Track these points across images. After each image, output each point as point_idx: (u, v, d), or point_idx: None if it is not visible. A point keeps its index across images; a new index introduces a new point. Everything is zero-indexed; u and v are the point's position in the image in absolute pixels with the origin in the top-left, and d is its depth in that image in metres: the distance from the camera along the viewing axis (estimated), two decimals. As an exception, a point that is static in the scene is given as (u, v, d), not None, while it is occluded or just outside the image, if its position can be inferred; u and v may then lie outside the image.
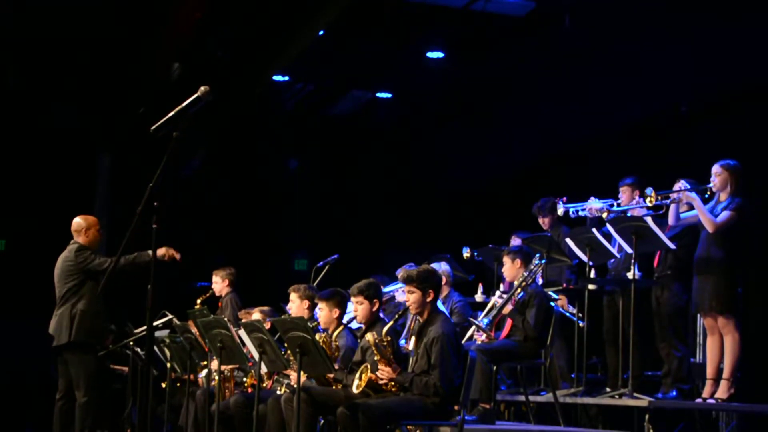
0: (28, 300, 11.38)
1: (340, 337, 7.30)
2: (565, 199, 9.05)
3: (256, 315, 8.39)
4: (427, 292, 6.50)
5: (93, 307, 8.25)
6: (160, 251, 8.15)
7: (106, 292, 8.20)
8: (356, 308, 7.07)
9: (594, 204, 8.65)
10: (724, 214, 7.41)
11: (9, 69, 13.21)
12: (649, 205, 7.47)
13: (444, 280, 8.12)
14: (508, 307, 7.89)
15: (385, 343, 6.47)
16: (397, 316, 6.75)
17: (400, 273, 8.78)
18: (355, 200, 15.18)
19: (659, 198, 7.46)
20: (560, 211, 9.04)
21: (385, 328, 6.56)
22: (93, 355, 8.28)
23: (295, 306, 7.95)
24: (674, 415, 8.23)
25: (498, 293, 8.45)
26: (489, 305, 8.24)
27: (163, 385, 9.51)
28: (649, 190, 7.44)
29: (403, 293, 7.16)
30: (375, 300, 6.98)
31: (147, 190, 4.82)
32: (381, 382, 6.46)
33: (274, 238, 15.39)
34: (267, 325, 7.47)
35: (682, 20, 10.34)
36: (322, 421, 6.95)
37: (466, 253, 10.12)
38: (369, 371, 6.45)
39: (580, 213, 8.83)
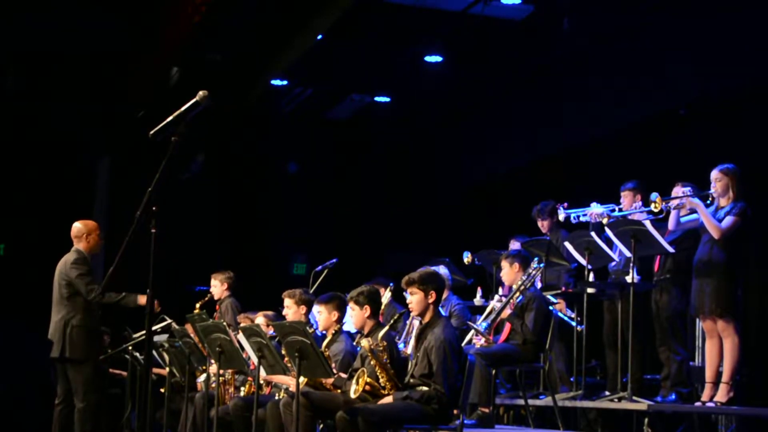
0: (28, 304, 11.38)
1: (339, 341, 7.29)
2: (566, 204, 9.05)
3: (259, 319, 8.38)
4: (428, 293, 6.48)
5: (87, 320, 8.23)
6: (142, 300, 8.10)
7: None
8: (351, 314, 7.07)
9: (595, 209, 8.65)
10: (729, 220, 7.40)
11: (8, 72, 13.22)
12: (655, 210, 7.46)
13: (444, 283, 8.10)
14: (507, 311, 7.88)
15: (381, 348, 6.46)
16: (392, 321, 6.74)
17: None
18: (354, 204, 15.18)
19: (664, 204, 7.47)
20: (561, 216, 9.03)
21: (381, 333, 6.55)
22: (90, 363, 8.25)
23: (291, 312, 7.92)
24: (673, 418, 8.22)
25: (497, 297, 8.45)
26: (488, 309, 8.24)
27: (162, 390, 9.51)
28: (654, 196, 7.43)
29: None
30: (366, 306, 6.94)
31: (146, 194, 4.81)
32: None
33: (272, 241, 15.39)
34: (269, 330, 7.46)
35: (680, 23, 10.36)
36: (321, 426, 6.95)
37: (467, 258, 10.11)
38: (365, 375, 6.44)
39: (581, 218, 8.83)
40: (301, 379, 6.47)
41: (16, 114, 13.59)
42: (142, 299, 8.10)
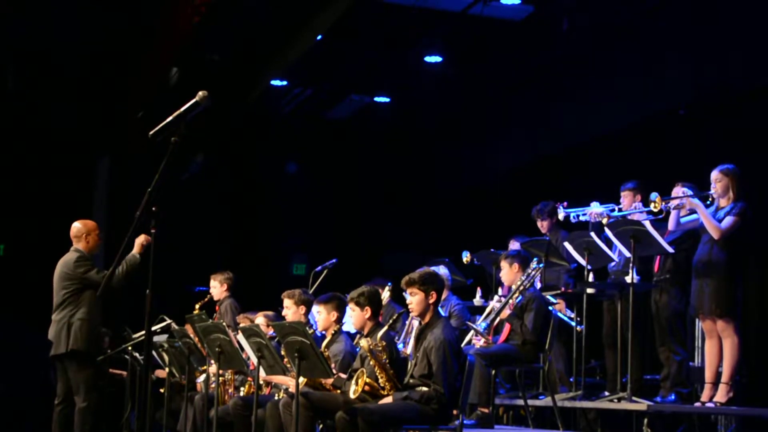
0: (28, 304, 11.38)
1: (338, 341, 7.29)
2: (566, 203, 9.05)
3: (259, 320, 8.37)
4: (429, 293, 6.48)
5: (91, 315, 8.22)
6: (140, 240, 7.99)
7: (105, 296, 8.19)
8: (351, 315, 7.07)
9: (595, 209, 8.64)
10: (729, 220, 7.40)
11: (8, 72, 13.23)
12: (654, 210, 7.46)
13: (443, 284, 8.09)
14: (507, 312, 7.88)
15: (380, 348, 6.45)
16: (391, 321, 6.74)
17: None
18: (353, 204, 15.18)
19: (664, 204, 7.47)
20: (561, 215, 9.03)
21: (380, 333, 6.55)
22: (92, 361, 8.26)
23: (291, 312, 7.92)
24: (673, 418, 8.22)
25: (496, 297, 8.45)
26: (487, 309, 8.24)
27: (162, 390, 9.50)
28: (653, 196, 7.43)
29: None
30: (367, 307, 6.93)
31: (146, 194, 4.81)
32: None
33: (272, 242, 15.38)
34: (269, 330, 7.46)
35: (680, 23, 10.36)
36: (321, 426, 6.95)
37: (466, 258, 10.12)
38: (365, 376, 6.43)
39: (581, 218, 8.82)
40: (301, 379, 6.47)
41: (16, 113, 13.59)
42: (139, 240, 8.01)
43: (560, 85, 12.32)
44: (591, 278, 8.55)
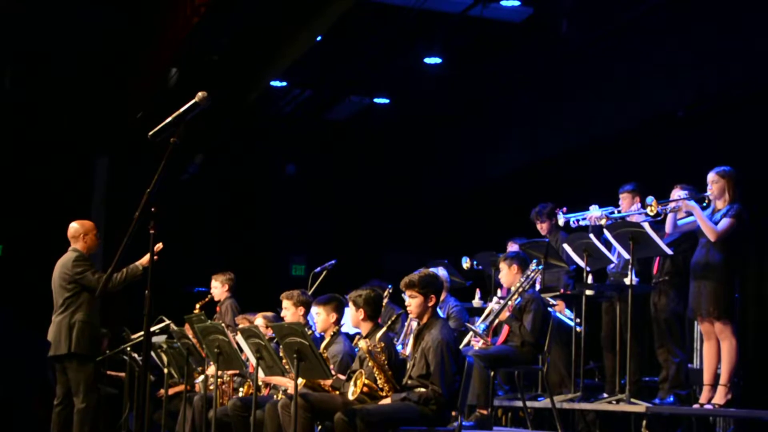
0: (26, 305, 11.37)
1: (337, 343, 7.29)
2: (565, 209, 9.04)
3: (258, 320, 8.37)
4: (428, 296, 6.49)
5: (91, 317, 8.23)
6: (145, 260, 8.04)
7: (104, 297, 8.20)
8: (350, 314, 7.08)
9: (594, 212, 8.65)
10: (725, 222, 7.41)
11: (7, 72, 13.23)
12: (651, 214, 7.47)
13: (442, 285, 8.09)
14: (506, 313, 7.88)
15: (378, 350, 6.46)
16: (390, 322, 6.74)
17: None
18: (353, 205, 15.19)
19: (660, 207, 7.47)
20: (561, 221, 9.02)
21: (378, 334, 6.55)
22: (92, 362, 8.27)
23: (290, 313, 7.91)
24: (671, 420, 8.23)
25: (495, 299, 8.44)
26: (486, 311, 8.24)
27: (161, 392, 9.50)
28: (650, 200, 7.44)
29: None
30: (361, 309, 6.91)
31: (144, 194, 4.81)
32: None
33: (271, 243, 15.39)
34: (268, 331, 7.46)
35: (679, 25, 10.37)
36: (320, 427, 6.94)
37: (466, 264, 10.11)
38: (363, 377, 6.44)
39: (581, 223, 8.82)
40: (300, 380, 6.47)
41: (15, 113, 13.59)
42: (144, 260, 8.05)
43: (559, 87, 12.33)
44: (590, 280, 8.56)
